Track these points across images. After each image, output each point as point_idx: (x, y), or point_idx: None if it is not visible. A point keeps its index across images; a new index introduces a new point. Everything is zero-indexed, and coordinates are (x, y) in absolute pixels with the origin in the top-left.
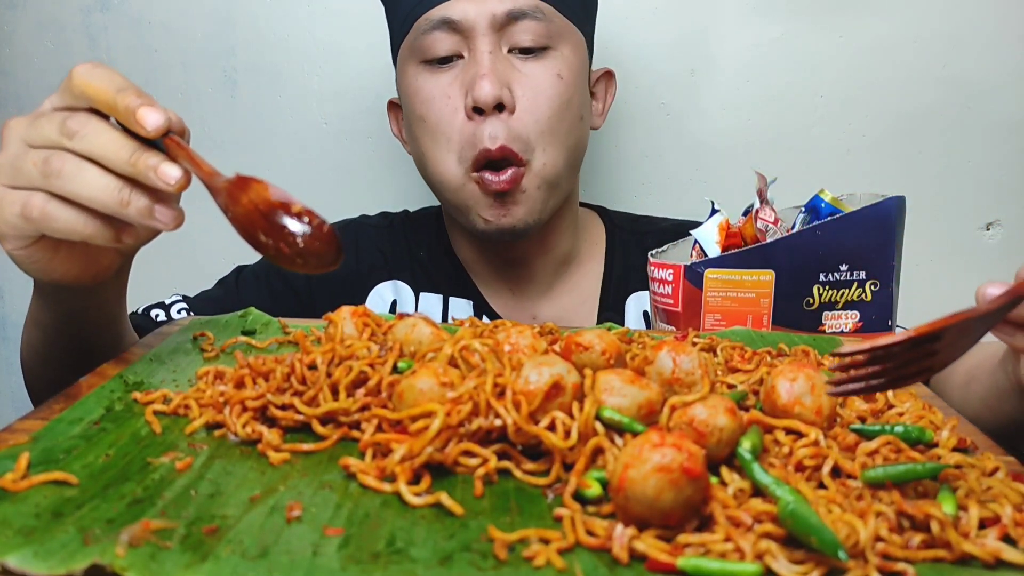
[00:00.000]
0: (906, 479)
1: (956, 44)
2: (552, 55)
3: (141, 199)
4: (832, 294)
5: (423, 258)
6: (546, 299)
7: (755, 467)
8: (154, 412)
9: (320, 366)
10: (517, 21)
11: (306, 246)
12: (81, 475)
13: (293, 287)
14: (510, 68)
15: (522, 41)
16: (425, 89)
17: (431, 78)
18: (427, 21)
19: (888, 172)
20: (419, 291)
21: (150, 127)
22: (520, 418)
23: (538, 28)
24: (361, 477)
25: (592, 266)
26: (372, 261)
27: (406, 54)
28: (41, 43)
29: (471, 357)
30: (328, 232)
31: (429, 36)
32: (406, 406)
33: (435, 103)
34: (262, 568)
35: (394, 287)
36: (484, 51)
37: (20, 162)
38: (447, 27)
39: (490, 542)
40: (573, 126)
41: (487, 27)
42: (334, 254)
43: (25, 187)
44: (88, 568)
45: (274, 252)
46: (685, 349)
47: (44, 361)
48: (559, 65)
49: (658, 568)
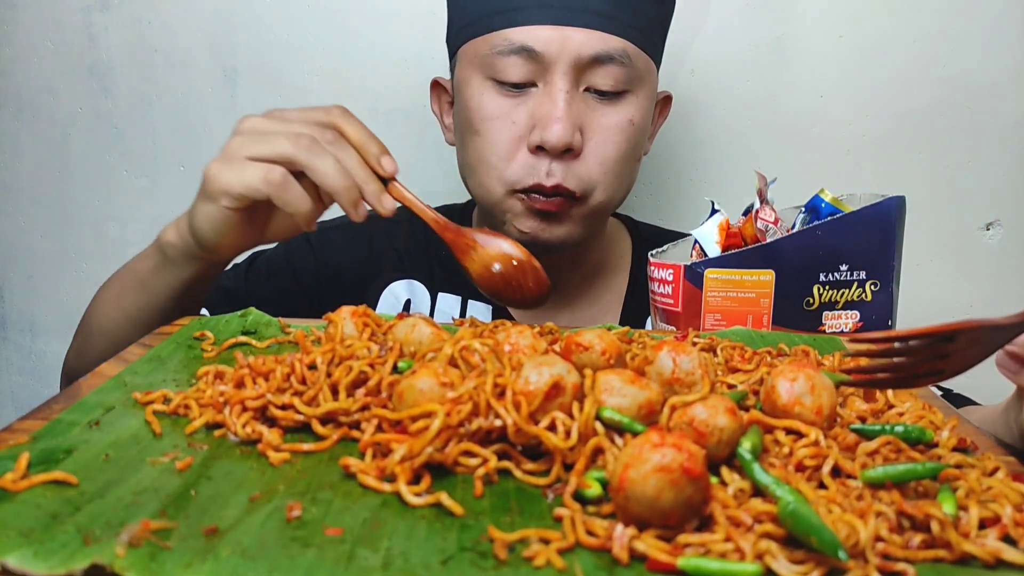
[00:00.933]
0: (906, 479)
1: (956, 44)
2: (628, 99)
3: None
4: (832, 294)
5: (443, 257)
6: (567, 309)
7: (755, 467)
8: (154, 412)
9: (320, 366)
10: (601, 65)
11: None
12: (81, 475)
13: (303, 285)
14: (584, 109)
15: (601, 85)
16: (489, 108)
17: (497, 98)
18: (505, 41)
19: (888, 172)
20: (436, 291)
21: (388, 170)
22: (520, 418)
23: (619, 74)
24: (361, 477)
25: (615, 278)
26: (386, 258)
27: (473, 60)
28: (41, 43)
29: (471, 357)
30: (543, 280)
31: (505, 59)
32: (406, 406)
33: (496, 124)
34: (262, 568)
35: (409, 286)
36: (560, 90)
37: (273, 137)
38: (526, 54)
39: (490, 542)
40: (634, 167)
41: (569, 66)
42: (545, 296)
43: (269, 158)
44: (88, 568)
45: (505, 301)
46: (685, 349)
47: (133, 323)
48: (633, 110)
49: (658, 568)
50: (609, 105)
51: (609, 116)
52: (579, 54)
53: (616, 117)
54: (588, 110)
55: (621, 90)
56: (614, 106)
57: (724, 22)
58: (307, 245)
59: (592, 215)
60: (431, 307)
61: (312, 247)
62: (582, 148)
